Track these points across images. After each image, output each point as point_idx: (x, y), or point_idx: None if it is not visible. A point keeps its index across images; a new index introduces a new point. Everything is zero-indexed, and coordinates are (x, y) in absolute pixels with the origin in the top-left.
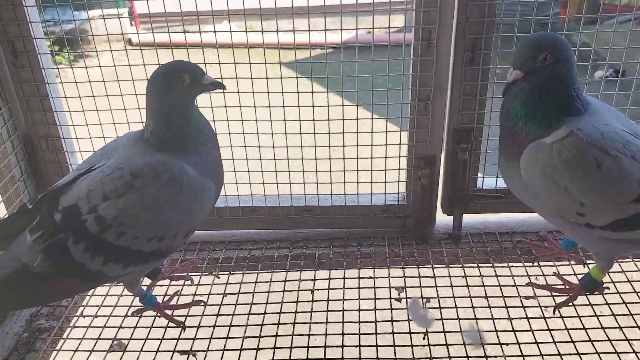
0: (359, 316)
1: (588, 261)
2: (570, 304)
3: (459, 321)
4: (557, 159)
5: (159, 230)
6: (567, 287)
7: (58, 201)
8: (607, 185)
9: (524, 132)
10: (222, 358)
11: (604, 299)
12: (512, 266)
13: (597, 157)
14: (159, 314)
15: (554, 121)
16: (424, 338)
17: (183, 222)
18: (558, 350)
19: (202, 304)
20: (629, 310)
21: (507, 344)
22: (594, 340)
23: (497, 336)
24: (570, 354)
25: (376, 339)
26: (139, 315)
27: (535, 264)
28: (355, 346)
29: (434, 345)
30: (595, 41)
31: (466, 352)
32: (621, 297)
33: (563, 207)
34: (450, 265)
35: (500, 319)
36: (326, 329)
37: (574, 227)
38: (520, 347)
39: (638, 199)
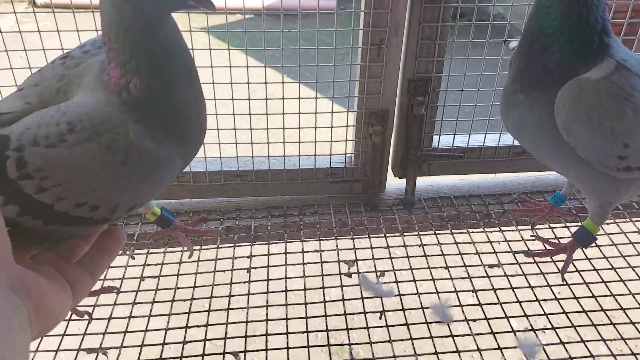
0: (305, 297)
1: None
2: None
3: (419, 296)
4: (606, 99)
5: (91, 199)
6: (561, 247)
7: None
8: None
9: (557, 59)
10: (139, 356)
11: (576, 267)
12: (472, 232)
13: None
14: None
15: (594, 48)
16: (380, 318)
17: (124, 196)
18: (531, 325)
19: (114, 290)
20: (607, 287)
21: (474, 320)
22: (569, 312)
23: (463, 311)
24: (545, 329)
25: (326, 322)
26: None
27: (496, 228)
28: (303, 332)
29: (393, 325)
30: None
31: (430, 332)
32: (582, 277)
33: (604, 152)
34: (405, 234)
35: (464, 291)
36: (267, 314)
37: (598, 176)
38: (489, 323)
39: None
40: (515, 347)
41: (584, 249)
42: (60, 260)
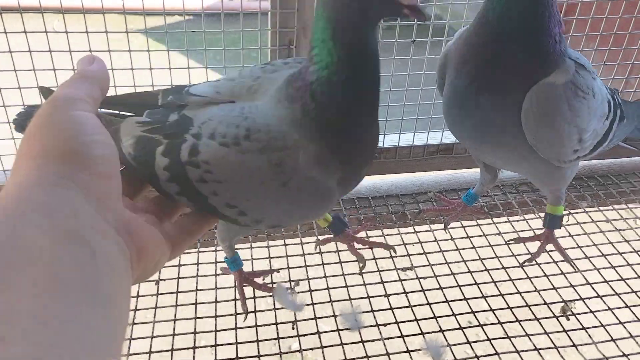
0: (215, 309)
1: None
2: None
3: (332, 304)
4: (571, 102)
5: (241, 205)
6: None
7: (183, 107)
8: (598, 111)
9: (522, 59)
10: None
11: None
12: (388, 235)
13: (594, 87)
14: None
15: (556, 47)
16: (293, 328)
17: (273, 214)
18: (440, 327)
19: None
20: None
21: (384, 325)
22: (476, 311)
23: (374, 317)
24: (452, 329)
25: (236, 334)
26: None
27: (411, 229)
28: (211, 346)
29: (304, 335)
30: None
31: (340, 339)
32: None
33: (564, 149)
34: (320, 238)
35: (376, 296)
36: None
37: (550, 169)
38: (399, 327)
39: (607, 115)
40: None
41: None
42: (163, 213)
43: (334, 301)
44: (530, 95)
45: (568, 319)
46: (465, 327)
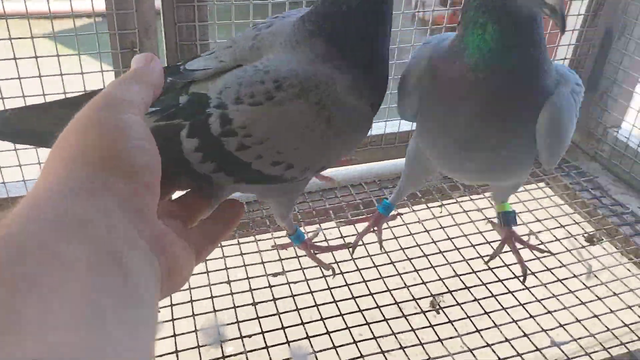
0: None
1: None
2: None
3: (194, 318)
4: (574, 111)
5: (289, 157)
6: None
7: (189, 86)
8: None
9: (539, 84)
10: None
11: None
12: (260, 240)
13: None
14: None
15: (549, 66)
16: None
17: (321, 156)
18: (307, 334)
19: (350, 245)
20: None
21: (249, 336)
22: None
23: (239, 328)
24: (319, 335)
25: None
26: (282, 249)
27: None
28: None
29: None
30: None
31: (200, 355)
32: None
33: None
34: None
35: (242, 306)
36: None
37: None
38: (264, 337)
39: None
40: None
41: None
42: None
43: (195, 315)
44: (545, 118)
45: (438, 313)
46: (332, 332)
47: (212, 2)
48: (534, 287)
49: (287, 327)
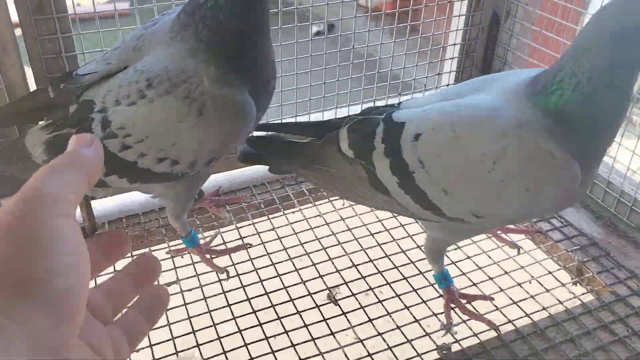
0: None
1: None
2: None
3: None
4: None
5: (171, 153)
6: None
7: (81, 94)
8: None
9: None
10: None
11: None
12: (155, 250)
13: None
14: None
15: None
16: None
17: (202, 148)
18: (200, 351)
19: (248, 246)
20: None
21: (137, 351)
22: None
23: None
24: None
25: None
26: (176, 256)
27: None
28: None
29: None
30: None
31: None
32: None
33: None
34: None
35: None
36: None
37: None
38: (152, 350)
39: None
40: None
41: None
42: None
43: None
44: None
45: (336, 304)
46: (223, 337)
47: (73, 12)
48: (427, 271)
49: (176, 337)
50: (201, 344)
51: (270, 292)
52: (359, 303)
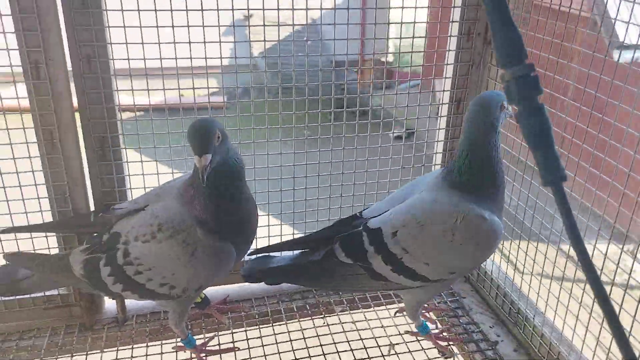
0: None
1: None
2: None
3: None
4: None
5: (170, 280)
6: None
7: (112, 225)
8: None
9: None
10: None
11: None
12: (165, 343)
13: None
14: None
15: None
16: None
17: (193, 279)
18: None
19: (236, 349)
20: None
21: None
22: None
23: None
24: None
25: None
26: (179, 351)
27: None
28: None
29: None
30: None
31: None
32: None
33: None
34: (120, 348)
35: None
36: None
37: None
38: None
39: None
40: None
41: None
42: None
43: None
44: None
45: None
46: None
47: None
48: None
49: None
50: None
51: None
52: None
